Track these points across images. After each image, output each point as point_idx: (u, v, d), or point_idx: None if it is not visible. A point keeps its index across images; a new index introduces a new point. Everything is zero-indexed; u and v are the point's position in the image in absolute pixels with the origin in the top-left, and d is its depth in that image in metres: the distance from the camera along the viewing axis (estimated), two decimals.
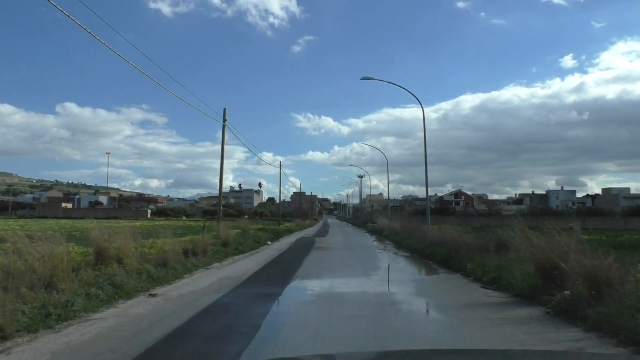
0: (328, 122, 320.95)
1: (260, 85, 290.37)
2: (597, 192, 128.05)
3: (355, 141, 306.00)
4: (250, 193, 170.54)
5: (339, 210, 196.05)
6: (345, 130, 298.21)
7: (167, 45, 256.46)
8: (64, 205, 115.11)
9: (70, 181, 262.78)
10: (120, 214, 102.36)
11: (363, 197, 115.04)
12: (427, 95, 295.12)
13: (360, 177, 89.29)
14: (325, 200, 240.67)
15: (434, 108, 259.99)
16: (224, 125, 25.76)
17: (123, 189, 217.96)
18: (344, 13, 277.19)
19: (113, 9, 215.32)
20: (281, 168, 56.48)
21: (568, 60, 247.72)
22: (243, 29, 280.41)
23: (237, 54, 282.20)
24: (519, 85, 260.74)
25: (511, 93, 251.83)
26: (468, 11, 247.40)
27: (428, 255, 17.95)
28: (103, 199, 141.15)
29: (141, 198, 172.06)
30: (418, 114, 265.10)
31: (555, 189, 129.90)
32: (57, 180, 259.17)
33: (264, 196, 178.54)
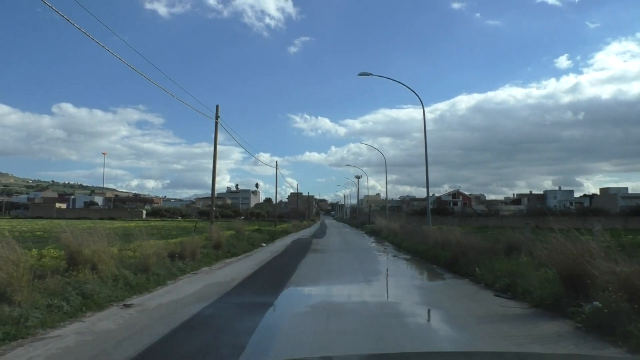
0: (325, 123, 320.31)
1: (256, 86, 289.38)
2: (594, 192, 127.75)
3: (352, 142, 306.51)
4: (247, 194, 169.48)
5: (337, 211, 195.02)
6: (342, 131, 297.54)
7: (163, 46, 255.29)
8: (58, 205, 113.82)
9: (66, 182, 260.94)
10: (115, 214, 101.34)
11: (360, 198, 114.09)
12: (424, 96, 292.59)
13: (358, 178, 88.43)
14: (323, 201, 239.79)
15: (431, 109, 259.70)
16: (216, 122, 24.76)
17: (120, 190, 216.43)
18: (340, 14, 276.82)
19: (109, 9, 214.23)
20: (277, 168, 55.48)
21: (563, 61, 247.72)
22: (239, 29, 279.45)
23: (234, 55, 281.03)
24: (514, 85, 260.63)
25: (507, 93, 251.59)
26: (463, 12, 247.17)
27: (431, 258, 16.96)
28: (99, 200, 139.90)
29: (137, 199, 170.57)
30: (414, 115, 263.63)
31: (551, 189, 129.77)
32: (54, 181, 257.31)
33: (261, 197, 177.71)
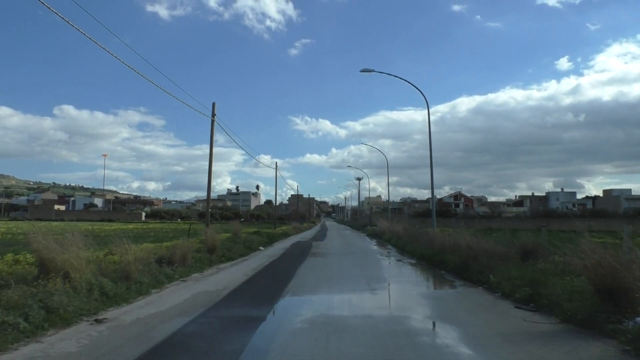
0: (325, 125, 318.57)
1: (257, 88, 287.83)
2: (596, 194, 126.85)
3: (352, 144, 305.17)
4: (247, 195, 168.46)
5: (337, 213, 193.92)
6: (342, 133, 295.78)
7: (164, 48, 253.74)
8: (57, 207, 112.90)
9: (67, 183, 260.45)
10: (114, 216, 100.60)
11: (361, 200, 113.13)
12: (423, 99, 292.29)
13: (359, 180, 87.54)
14: (324, 202, 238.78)
15: (431, 110, 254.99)
16: (212, 120, 23.76)
17: (121, 192, 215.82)
18: (341, 16, 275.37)
19: (110, 12, 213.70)
20: (277, 169, 54.48)
21: (564, 63, 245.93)
22: (240, 32, 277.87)
23: (234, 57, 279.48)
24: (515, 87, 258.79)
25: (507, 95, 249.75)
26: (463, 14, 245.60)
27: (438, 264, 15.93)
28: (99, 202, 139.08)
29: (137, 200, 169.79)
30: (415, 117, 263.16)
31: (552, 190, 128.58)
32: (55, 183, 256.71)
33: (262, 199, 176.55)
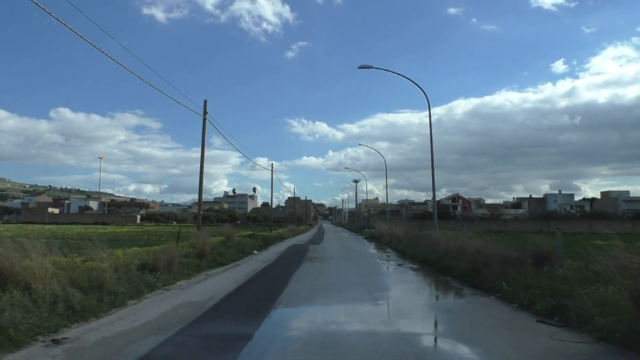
0: (322, 128, 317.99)
1: (254, 90, 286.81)
2: (593, 196, 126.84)
3: (349, 146, 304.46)
4: (244, 198, 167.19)
5: (335, 215, 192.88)
6: (339, 135, 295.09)
7: (160, 51, 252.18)
8: (50, 210, 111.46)
9: (63, 186, 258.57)
10: (108, 219, 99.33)
11: (358, 202, 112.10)
12: (420, 101, 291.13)
13: (356, 182, 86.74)
14: (321, 205, 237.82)
15: (427, 113, 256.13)
16: (204, 118, 22.73)
17: (117, 195, 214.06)
18: (337, 19, 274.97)
19: (106, 15, 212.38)
20: (273, 170, 53.42)
21: (559, 65, 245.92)
22: (237, 34, 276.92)
23: (231, 60, 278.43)
24: (511, 90, 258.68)
25: (503, 98, 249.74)
26: (459, 17, 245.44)
27: (443, 269, 14.92)
28: (94, 205, 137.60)
29: (133, 203, 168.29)
30: (412, 119, 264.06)
31: (549, 193, 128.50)
32: (51, 186, 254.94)
33: (259, 201, 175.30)
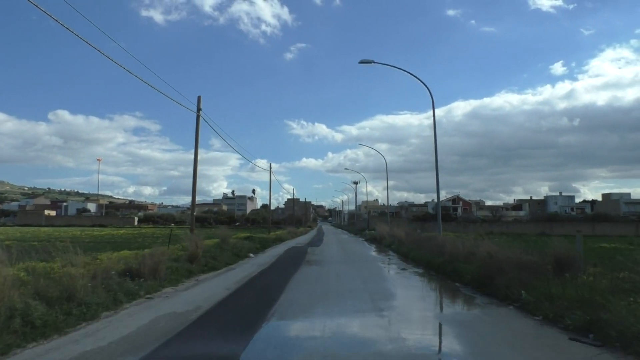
0: (322, 129, 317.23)
1: (253, 92, 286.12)
2: (593, 198, 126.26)
3: (349, 148, 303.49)
4: (243, 200, 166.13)
5: (334, 217, 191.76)
6: (338, 137, 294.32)
7: (159, 53, 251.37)
8: (47, 212, 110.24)
9: (62, 189, 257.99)
10: (106, 221, 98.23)
11: (358, 204, 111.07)
12: (420, 103, 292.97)
13: (355, 183, 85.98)
14: (320, 206, 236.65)
15: (427, 115, 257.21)
16: (198, 115, 21.70)
17: (116, 197, 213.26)
18: (336, 21, 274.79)
19: (104, 18, 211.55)
20: (271, 170, 52.38)
21: (558, 67, 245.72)
22: (235, 36, 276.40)
23: (230, 62, 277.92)
24: (510, 92, 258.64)
25: (503, 100, 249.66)
26: (458, 19, 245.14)
27: (450, 274, 13.87)
28: (92, 207, 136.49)
29: (131, 205, 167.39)
30: (411, 121, 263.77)
31: (549, 195, 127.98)
32: (50, 188, 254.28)
33: (258, 203, 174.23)
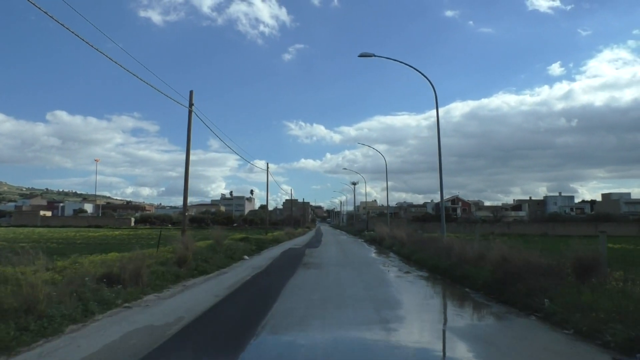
0: (320, 130, 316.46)
1: (252, 93, 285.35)
2: (591, 198, 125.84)
3: (347, 149, 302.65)
4: (241, 200, 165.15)
5: (333, 218, 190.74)
6: (337, 138, 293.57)
7: (157, 53, 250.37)
8: (43, 213, 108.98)
9: (60, 189, 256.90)
10: (102, 222, 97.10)
11: (357, 205, 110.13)
12: (418, 103, 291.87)
13: (354, 184, 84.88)
14: (319, 207, 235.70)
15: (425, 115, 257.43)
16: (190, 110, 20.68)
17: (114, 197, 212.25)
18: (334, 22, 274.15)
19: (102, 19, 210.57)
20: (268, 170, 51.35)
21: (556, 68, 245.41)
22: (233, 37, 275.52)
23: (228, 62, 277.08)
24: (508, 92, 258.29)
25: (500, 100, 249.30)
26: (456, 20, 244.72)
27: (459, 279, 12.86)
28: (89, 207, 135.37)
29: (128, 206, 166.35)
30: (409, 121, 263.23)
31: (549, 195, 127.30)
32: (48, 189, 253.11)
33: (256, 204, 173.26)
